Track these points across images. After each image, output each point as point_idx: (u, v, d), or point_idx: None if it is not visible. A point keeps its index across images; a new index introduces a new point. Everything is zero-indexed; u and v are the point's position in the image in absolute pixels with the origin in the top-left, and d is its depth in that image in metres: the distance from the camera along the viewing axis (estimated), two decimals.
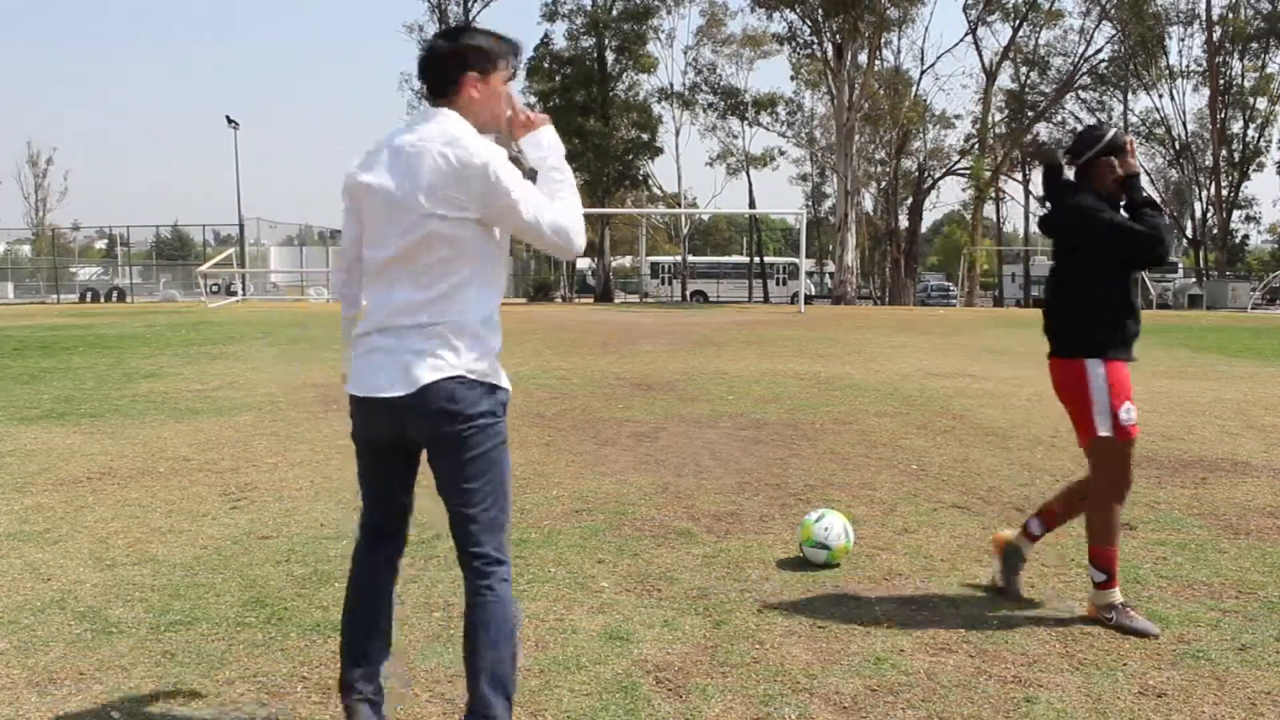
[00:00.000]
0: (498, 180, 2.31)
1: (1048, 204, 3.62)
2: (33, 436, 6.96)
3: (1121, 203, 3.47)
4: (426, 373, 2.29)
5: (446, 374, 2.29)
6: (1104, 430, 3.41)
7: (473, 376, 2.32)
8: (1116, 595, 3.44)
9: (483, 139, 2.38)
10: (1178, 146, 44.45)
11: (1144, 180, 3.50)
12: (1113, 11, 40.48)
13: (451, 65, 2.41)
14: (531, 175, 2.54)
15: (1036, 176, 49.51)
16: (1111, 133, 3.52)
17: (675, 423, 7.53)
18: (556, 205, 2.43)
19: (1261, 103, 42.27)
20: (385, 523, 2.65)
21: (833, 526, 4.03)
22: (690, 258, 54.43)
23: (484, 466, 2.37)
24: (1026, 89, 44.80)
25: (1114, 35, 41.85)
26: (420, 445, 2.42)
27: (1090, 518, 3.51)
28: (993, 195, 46.57)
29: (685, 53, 58.12)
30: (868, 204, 51.65)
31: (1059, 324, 3.52)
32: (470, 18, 45.76)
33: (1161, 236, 3.34)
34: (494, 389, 2.38)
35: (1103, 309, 3.44)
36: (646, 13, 41.97)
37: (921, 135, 46.71)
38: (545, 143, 2.57)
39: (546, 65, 42.27)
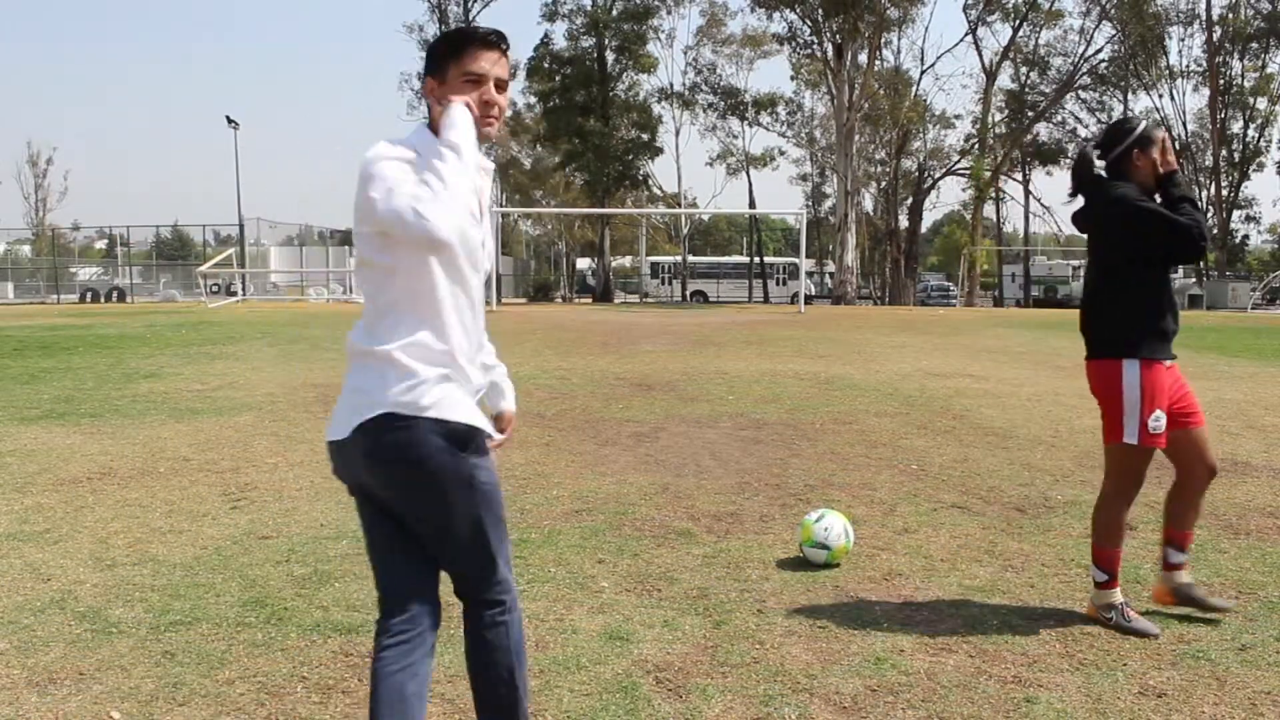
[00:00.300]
0: (365, 181, 1.97)
1: (1080, 198, 3.53)
2: (33, 436, 6.96)
3: (1157, 196, 3.41)
4: (359, 412, 2.03)
5: (376, 412, 2.00)
6: (1130, 438, 3.33)
7: (404, 412, 1.99)
8: (1117, 596, 3.43)
9: (381, 146, 2.03)
10: (1178, 146, 44.36)
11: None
12: (1113, 11, 40.50)
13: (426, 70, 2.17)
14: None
15: (1037, 177, 49.51)
16: (1142, 125, 3.45)
17: (675, 423, 7.53)
18: (412, 189, 1.94)
19: (1261, 103, 42.30)
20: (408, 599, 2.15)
21: (833, 526, 4.03)
22: (690, 258, 54.44)
23: (450, 516, 2.05)
24: (1026, 89, 44.82)
25: (1114, 35, 41.87)
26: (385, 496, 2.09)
27: (1096, 517, 3.50)
28: (993, 195, 46.57)
29: (685, 53, 58.22)
30: (868, 204, 51.67)
31: (1096, 323, 3.43)
32: (470, 18, 45.78)
33: (1203, 231, 3.29)
34: (437, 423, 2.01)
35: (1140, 306, 3.35)
36: (646, 13, 41.98)
37: (921, 135, 46.73)
38: (447, 122, 2.04)
39: (546, 65, 42.27)
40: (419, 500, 2.06)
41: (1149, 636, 3.30)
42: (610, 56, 41.77)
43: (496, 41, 2.11)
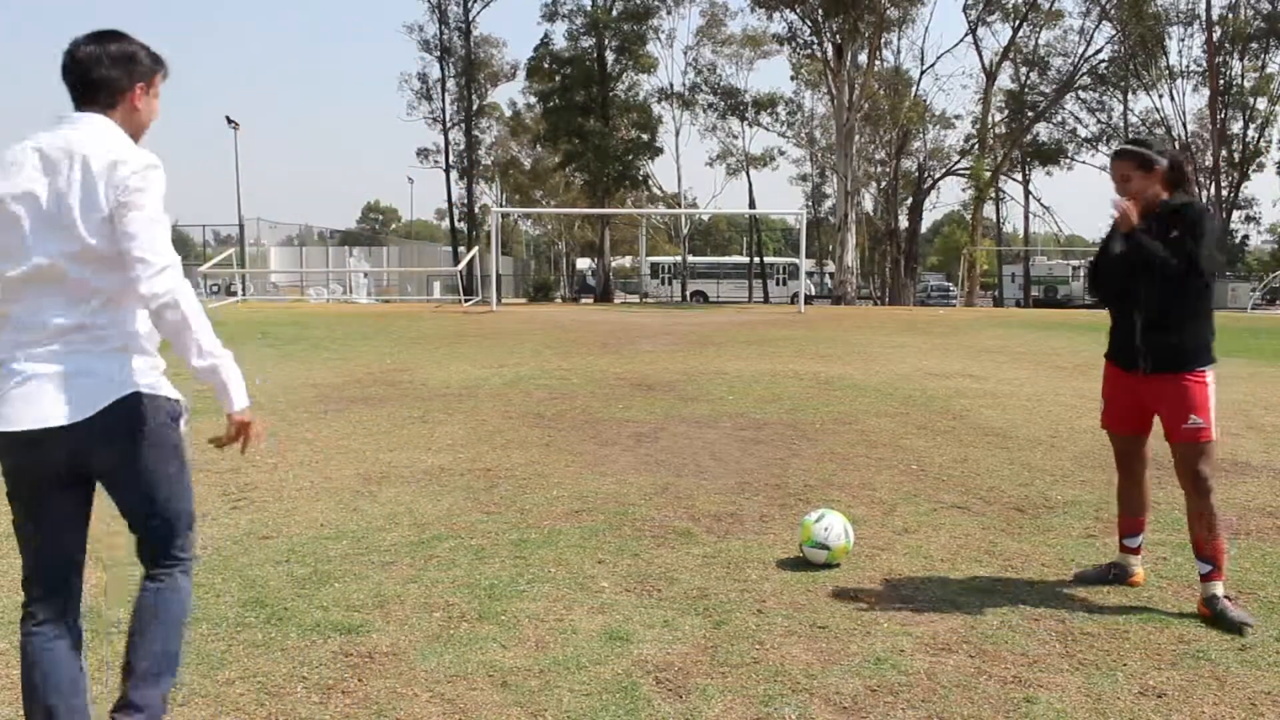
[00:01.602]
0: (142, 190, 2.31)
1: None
2: None
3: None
4: (102, 393, 2.30)
5: (126, 391, 2.33)
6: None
7: (148, 391, 2.38)
8: (1219, 587, 3.54)
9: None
10: (1178, 146, 44.38)
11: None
12: (1113, 11, 40.49)
13: (121, 72, 2.40)
14: None
15: (1037, 176, 49.52)
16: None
17: (675, 423, 7.53)
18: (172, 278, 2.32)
19: (1261, 103, 42.28)
20: (62, 582, 2.49)
21: (833, 526, 4.03)
22: (690, 258, 54.45)
23: (170, 474, 2.48)
24: (1026, 89, 44.80)
25: (1114, 35, 41.86)
26: (99, 473, 2.41)
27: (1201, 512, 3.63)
28: (993, 195, 46.56)
29: (685, 53, 58.12)
30: (868, 204, 51.63)
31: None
32: (470, 18, 45.81)
33: (1092, 273, 3.86)
34: (169, 400, 2.48)
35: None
36: (646, 13, 41.96)
37: (921, 135, 46.71)
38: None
39: (546, 65, 42.26)
40: (144, 468, 2.42)
41: (1246, 628, 3.36)
42: (610, 56, 41.74)
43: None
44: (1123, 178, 3.68)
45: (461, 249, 43.56)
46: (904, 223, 46.13)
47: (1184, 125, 44.14)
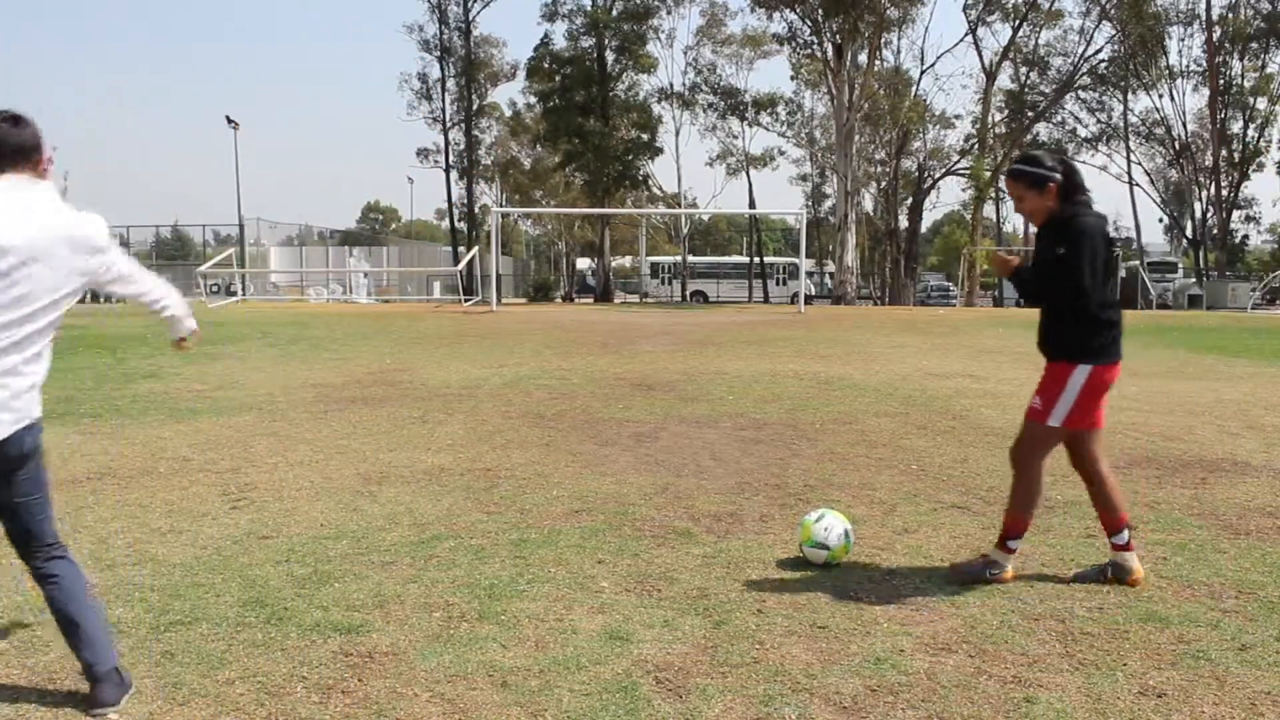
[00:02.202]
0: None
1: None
2: None
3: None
4: (24, 415, 2.69)
5: (35, 415, 2.72)
6: None
7: (39, 416, 2.75)
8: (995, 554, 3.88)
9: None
10: (1178, 146, 44.44)
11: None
12: (1113, 11, 40.48)
13: (33, 146, 2.78)
14: None
15: None
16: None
17: (675, 423, 7.53)
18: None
19: (1261, 103, 42.23)
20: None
21: (833, 527, 4.03)
22: (690, 258, 54.42)
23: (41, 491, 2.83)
24: (1026, 89, 44.78)
25: (1114, 35, 41.84)
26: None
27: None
28: (993, 195, 46.55)
29: (685, 53, 58.10)
30: (868, 204, 51.63)
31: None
32: (470, 18, 45.80)
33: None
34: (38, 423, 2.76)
35: None
36: (646, 13, 41.95)
37: (921, 135, 46.70)
38: None
39: (546, 65, 42.25)
40: (31, 481, 2.77)
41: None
42: (610, 56, 41.72)
43: None
44: (1017, 197, 3.84)
45: (461, 249, 43.57)
46: (904, 223, 46.14)
47: (1184, 125, 44.13)
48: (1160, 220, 58.66)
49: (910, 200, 47.00)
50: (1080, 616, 3.50)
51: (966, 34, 42.24)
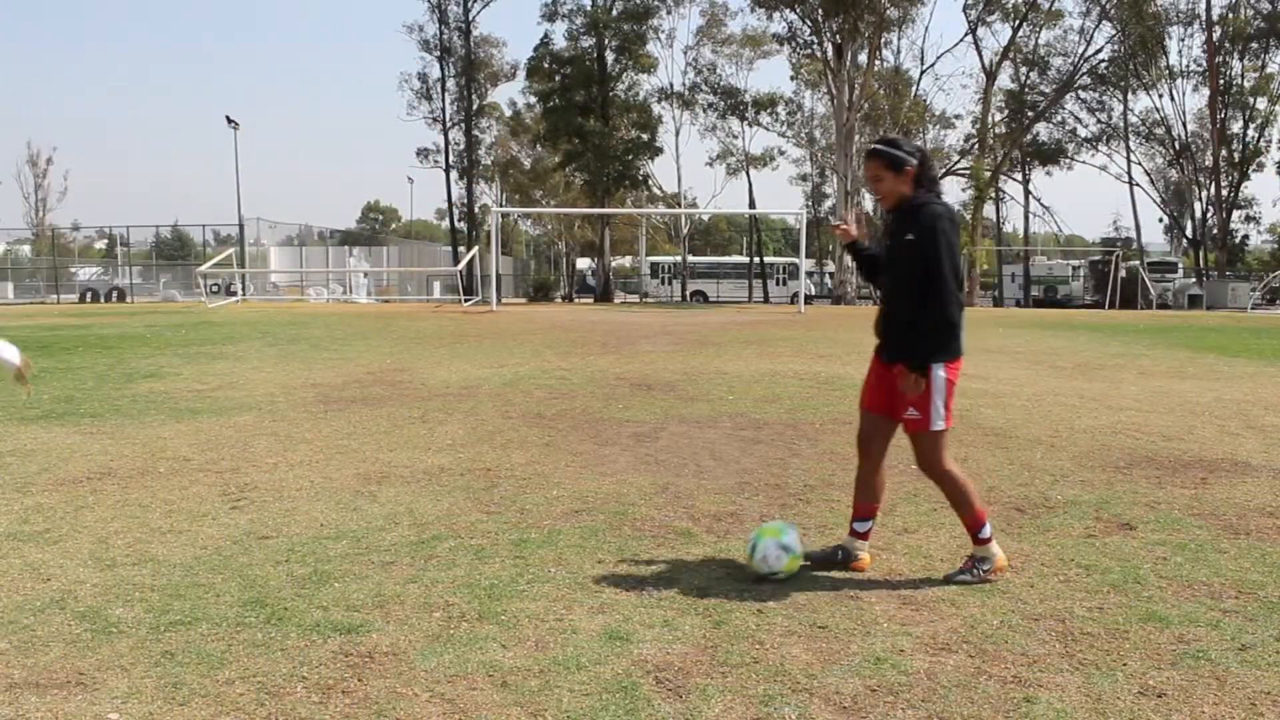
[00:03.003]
0: None
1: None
2: (32, 436, 6.96)
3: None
4: None
5: None
6: None
7: None
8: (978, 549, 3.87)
9: None
10: (1178, 146, 44.45)
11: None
12: (1113, 11, 40.49)
13: None
14: None
15: (1037, 176, 49.50)
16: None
17: (675, 423, 7.53)
18: None
19: (1261, 103, 42.26)
20: None
21: (767, 551, 3.83)
22: (690, 258, 54.46)
23: None
24: (1026, 89, 44.80)
25: (1114, 35, 41.86)
26: None
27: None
28: (993, 195, 46.56)
29: (685, 53, 58.19)
30: (868, 204, 51.60)
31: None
32: (470, 18, 45.81)
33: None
34: None
35: None
36: (646, 13, 41.98)
37: (921, 135, 46.69)
38: None
39: (546, 65, 42.27)
40: None
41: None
42: (610, 56, 41.76)
43: None
44: (874, 177, 3.86)
45: (461, 249, 43.58)
46: None
47: (1184, 125, 44.15)
48: (1160, 220, 58.69)
49: None
50: (1080, 616, 3.50)
51: (966, 34, 42.28)
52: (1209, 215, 44.49)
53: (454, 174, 47.58)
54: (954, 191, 41.65)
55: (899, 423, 3.94)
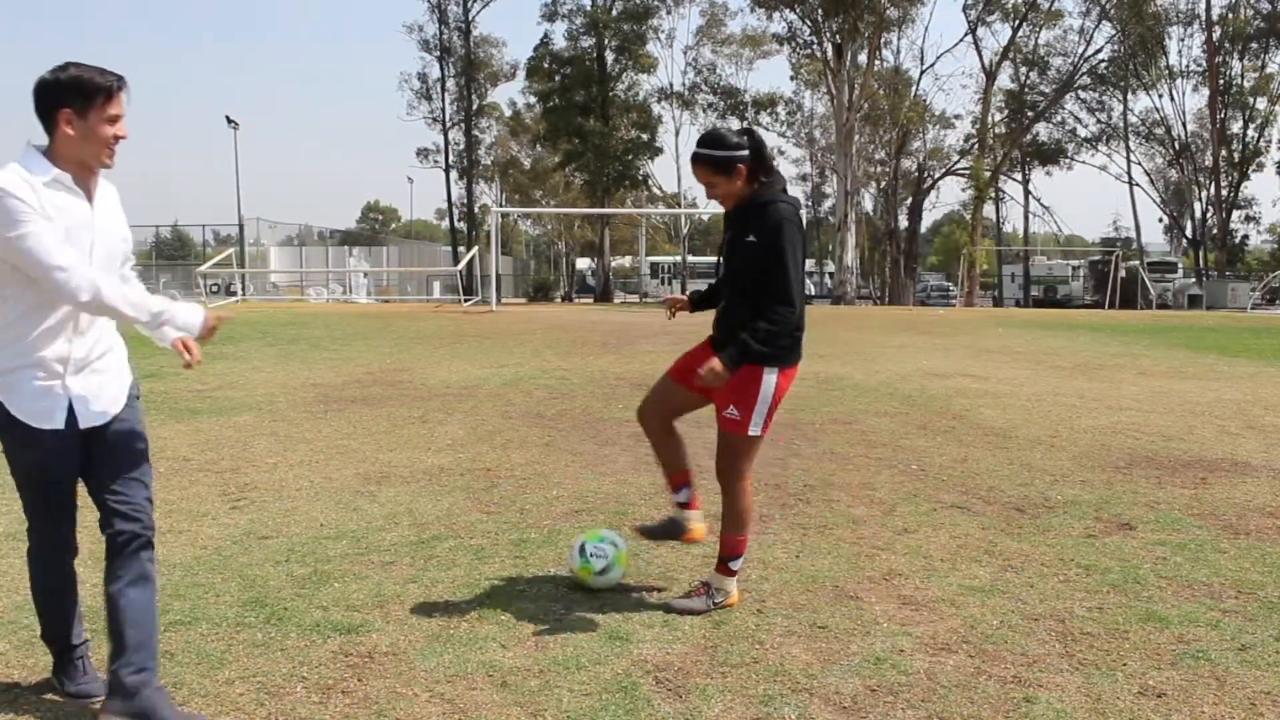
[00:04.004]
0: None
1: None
2: None
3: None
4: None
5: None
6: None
7: None
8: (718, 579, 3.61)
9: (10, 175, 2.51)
10: (1178, 146, 44.44)
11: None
12: (1113, 11, 40.50)
13: (49, 99, 2.57)
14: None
15: (1037, 176, 49.53)
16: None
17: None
18: (87, 271, 2.54)
19: (1261, 103, 42.26)
20: None
21: (608, 560, 3.74)
22: (690, 258, 54.44)
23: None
24: (1026, 89, 44.80)
25: (1114, 35, 41.87)
26: None
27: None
28: (992, 195, 46.57)
29: (685, 53, 58.09)
30: (868, 204, 51.69)
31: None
32: (470, 18, 45.82)
33: None
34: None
35: None
36: (646, 13, 41.99)
37: (921, 135, 46.73)
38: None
39: (546, 65, 42.28)
40: None
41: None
42: (610, 56, 41.77)
43: (124, 86, 2.62)
44: (706, 183, 3.54)
45: (461, 249, 43.58)
46: (904, 223, 46.16)
47: (1184, 125, 44.15)
48: (1160, 220, 58.66)
49: (910, 200, 47.01)
50: (1080, 616, 3.50)
51: (966, 34, 42.31)
52: (1209, 215, 44.48)
53: (454, 174, 47.61)
54: (954, 191, 41.72)
55: (703, 403, 3.73)
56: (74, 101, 2.53)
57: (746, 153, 3.47)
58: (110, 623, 2.68)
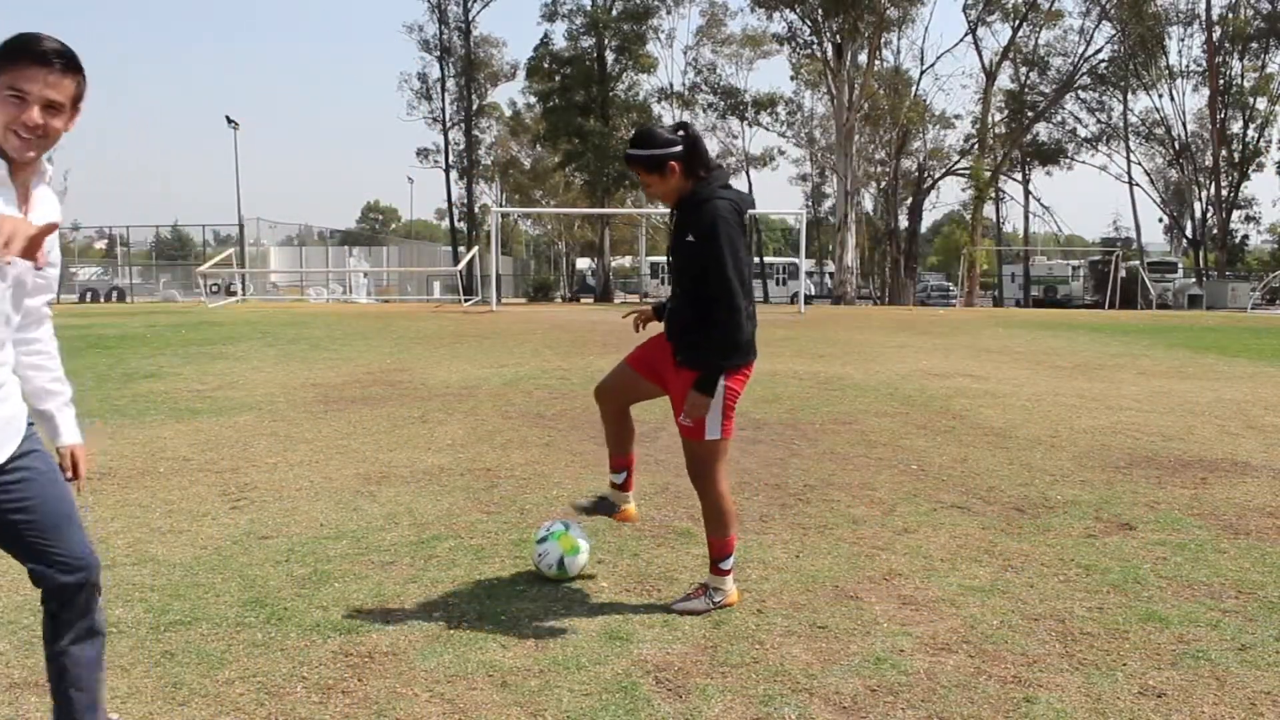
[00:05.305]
0: None
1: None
2: None
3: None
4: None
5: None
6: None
7: None
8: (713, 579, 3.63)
9: None
10: (1178, 146, 44.46)
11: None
12: (1113, 11, 40.52)
13: None
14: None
15: (1037, 176, 49.48)
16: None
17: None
18: None
19: (1261, 103, 42.28)
20: None
21: (549, 553, 3.83)
22: None
23: None
24: (1026, 89, 44.82)
25: (1114, 35, 41.89)
26: None
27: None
28: (992, 195, 46.57)
29: (685, 53, 58.20)
30: (868, 204, 51.69)
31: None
32: (470, 18, 45.83)
33: None
34: None
35: None
36: (646, 13, 42.01)
37: (921, 135, 46.75)
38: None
39: (546, 65, 42.30)
40: None
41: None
42: (610, 56, 41.79)
43: (54, 61, 2.05)
44: (643, 183, 3.48)
45: (461, 249, 43.60)
46: (904, 223, 46.17)
47: (1184, 125, 44.16)
48: (1160, 220, 58.68)
49: (910, 200, 47.01)
50: (1080, 616, 3.50)
51: (966, 34, 42.34)
52: (1209, 215, 44.50)
53: (454, 174, 47.63)
54: (954, 191, 41.78)
55: (659, 392, 3.71)
56: None
57: (679, 148, 3.36)
58: (54, 686, 2.32)
